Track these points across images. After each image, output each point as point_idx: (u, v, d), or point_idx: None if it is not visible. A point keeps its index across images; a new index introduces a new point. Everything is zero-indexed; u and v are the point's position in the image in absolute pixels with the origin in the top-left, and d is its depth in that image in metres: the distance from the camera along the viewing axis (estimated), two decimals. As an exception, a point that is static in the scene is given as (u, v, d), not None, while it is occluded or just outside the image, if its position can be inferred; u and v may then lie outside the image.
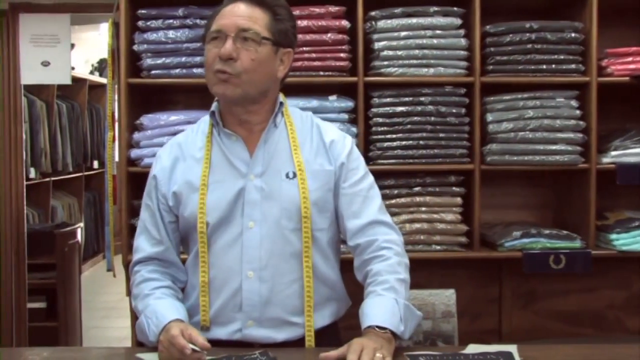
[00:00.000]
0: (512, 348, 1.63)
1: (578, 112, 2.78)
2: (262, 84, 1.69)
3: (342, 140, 1.79)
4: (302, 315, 1.70)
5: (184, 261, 1.82)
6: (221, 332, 1.70)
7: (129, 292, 2.80)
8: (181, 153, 1.78)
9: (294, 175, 1.71)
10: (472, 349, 1.65)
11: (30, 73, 3.59)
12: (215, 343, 1.64)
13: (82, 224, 5.51)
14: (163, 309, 1.65)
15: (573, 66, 2.77)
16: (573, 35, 2.76)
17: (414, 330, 1.66)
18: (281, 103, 1.77)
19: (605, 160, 2.79)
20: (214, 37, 1.68)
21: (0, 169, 3.71)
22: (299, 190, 1.69)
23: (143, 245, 1.79)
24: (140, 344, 2.67)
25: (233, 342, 1.68)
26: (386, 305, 1.61)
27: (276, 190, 1.70)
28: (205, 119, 1.81)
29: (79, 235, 4.53)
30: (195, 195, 1.71)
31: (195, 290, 1.74)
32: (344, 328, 1.81)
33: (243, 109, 1.71)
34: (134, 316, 2.77)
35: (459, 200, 2.80)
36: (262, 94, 1.71)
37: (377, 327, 1.56)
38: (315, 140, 1.77)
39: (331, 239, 1.77)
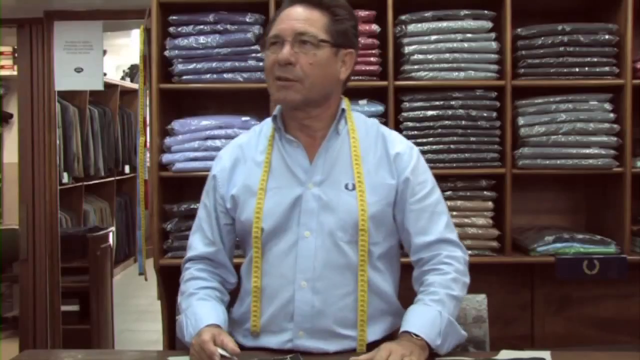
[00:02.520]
0: (546, 354, 1.61)
1: (612, 115, 2.73)
2: (323, 87, 1.66)
3: (407, 153, 1.73)
4: (354, 328, 1.66)
5: (239, 265, 1.81)
6: (272, 341, 1.68)
7: (160, 296, 2.84)
8: (242, 155, 1.77)
9: (353, 187, 1.67)
10: (505, 354, 1.63)
11: (64, 79, 3.64)
12: (266, 352, 1.65)
13: (113, 228, 5.58)
14: (203, 311, 1.65)
15: (607, 69, 2.73)
16: (607, 37, 2.72)
17: (452, 348, 1.63)
18: (343, 110, 1.73)
19: (641, 164, 2.75)
20: (273, 42, 1.65)
21: (34, 173, 3.77)
22: (357, 202, 1.66)
23: (196, 244, 1.79)
24: (172, 347, 2.71)
25: (285, 352, 1.66)
26: (428, 315, 1.59)
27: (334, 201, 1.67)
28: (268, 121, 1.79)
29: (111, 239, 4.59)
30: (252, 199, 1.70)
31: (249, 295, 1.72)
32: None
33: (305, 113, 1.69)
34: (166, 319, 2.81)
35: (490, 204, 2.77)
36: (324, 98, 1.68)
37: (414, 334, 1.55)
38: (379, 151, 1.73)
39: (386, 252, 1.73)
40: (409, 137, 2.71)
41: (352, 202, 1.66)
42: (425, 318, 1.59)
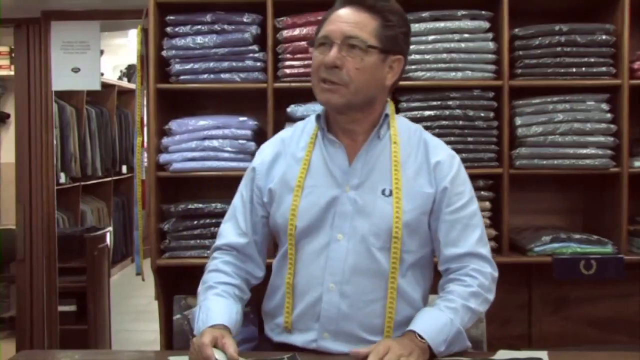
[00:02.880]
0: (543, 354, 1.62)
1: (609, 115, 2.74)
2: (368, 92, 1.65)
3: (448, 161, 1.72)
4: (380, 334, 1.66)
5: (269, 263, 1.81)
6: (298, 339, 1.69)
7: (157, 296, 2.83)
8: (284, 149, 1.77)
9: (390, 193, 1.66)
10: (502, 354, 1.64)
11: (61, 79, 3.64)
12: (293, 350, 1.66)
13: (111, 228, 5.58)
14: (216, 308, 1.64)
15: (604, 69, 2.73)
16: (604, 37, 2.73)
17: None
18: (386, 115, 1.72)
19: (638, 164, 2.75)
20: (321, 43, 1.65)
21: (32, 173, 3.76)
22: (393, 209, 1.64)
23: (227, 232, 1.80)
24: (169, 347, 2.70)
25: (309, 351, 1.67)
26: (439, 321, 1.59)
27: (369, 206, 1.66)
28: (313, 118, 1.78)
29: (108, 239, 4.58)
30: (289, 196, 1.70)
31: (279, 290, 1.73)
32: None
33: (348, 117, 1.68)
34: (163, 320, 2.81)
35: (487, 204, 2.77)
36: (367, 103, 1.67)
37: (418, 334, 1.55)
38: (420, 159, 1.71)
39: (419, 260, 1.72)
40: (406, 137, 2.74)
41: (388, 208, 1.65)
42: (435, 323, 1.58)
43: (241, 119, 2.78)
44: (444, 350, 1.57)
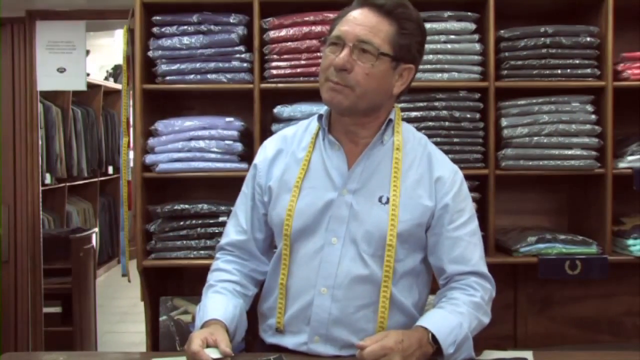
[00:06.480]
0: (528, 354, 1.63)
1: (594, 116, 2.75)
2: (373, 98, 1.63)
3: (451, 177, 1.70)
4: None
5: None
6: (290, 341, 1.69)
7: (143, 297, 2.82)
8: (285, 147, 1.76)
9: (387, 200, 1.64)
10: (488, 354, 1.65)
11: (46, 79, 3.62)
12: (284, 352, 1.67)
13: (96, 229, 5.55)
14: (211, 305, 1.66)
15: (588, 70, 2.75)
16: (588, 39, 2.75)
17: None
18: (390, 120, 1.70)
19: (622, 165, 2.77)
20: (333, 42, 1.63)
21: (16, 174, 3.74)
22: (389, 217, 1.63)
23: (228, 230, 1.82)
24: (155, 349, 2.69)
25: (300, 353, 1.67)
26: (449, 322, 1.57)
27: (365, 212, 1.65)
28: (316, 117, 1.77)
29: (94, 241, 4.56)
30: (286, 196, 1.69)
31: (273, 292, 1.73)
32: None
33: (352, 119, 1.67)
34: (149, 321, 2.80)
35: (473, 205, 2.78)
36: (372, 108, 1.66)
37: (431, 334, 1.54)
38: (421, 170, 1.69)
39: (412, 270, 1.70)
40: (392, 138, 2.74)
41: (383, 216, 1.64)
42: (446, 323, 1.57)
43: (227, 119, 2.78)
44: (453, 353, 1.55)
